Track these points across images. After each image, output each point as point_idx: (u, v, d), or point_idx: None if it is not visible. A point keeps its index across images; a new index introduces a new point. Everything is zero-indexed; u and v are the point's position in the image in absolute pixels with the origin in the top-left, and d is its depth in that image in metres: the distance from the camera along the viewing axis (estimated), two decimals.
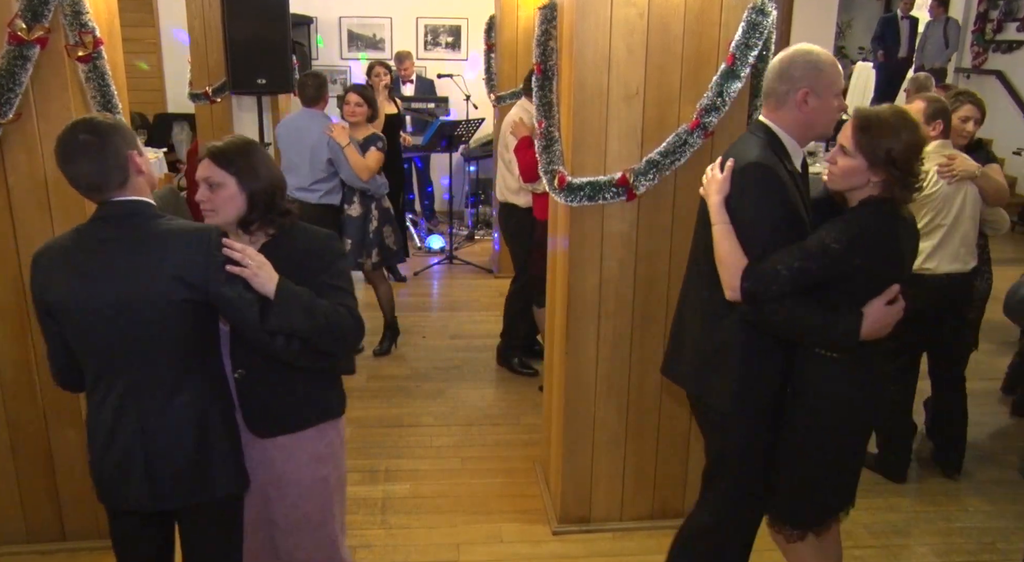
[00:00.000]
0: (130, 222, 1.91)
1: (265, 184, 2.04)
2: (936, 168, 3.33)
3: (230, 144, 2.06)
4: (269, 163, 2.10)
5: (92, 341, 1.91)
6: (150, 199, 1.98)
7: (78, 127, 1.91)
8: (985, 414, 4.29)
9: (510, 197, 4.51)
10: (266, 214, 2.06)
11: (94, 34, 2.61)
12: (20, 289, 2.76)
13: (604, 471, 3.16)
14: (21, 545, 3.00)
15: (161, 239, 1.89)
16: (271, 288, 1.91)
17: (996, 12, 8.11)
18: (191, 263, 1.86)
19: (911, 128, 2.03)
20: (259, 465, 2.12)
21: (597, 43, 2.74)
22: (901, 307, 2.10)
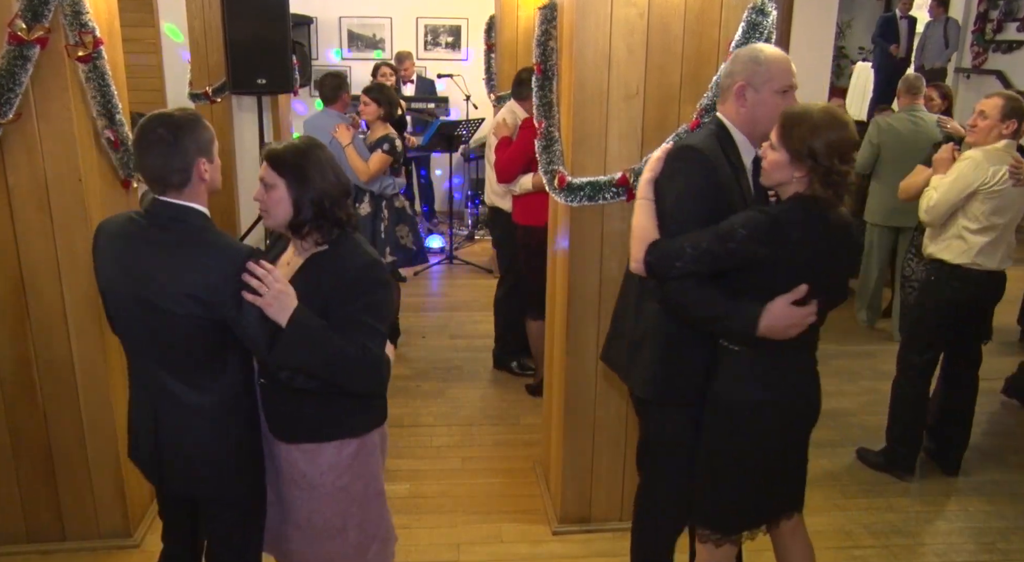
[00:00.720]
0: (173, 226, 1.94)
1: (316, 192, 1.98)
2: (1009, 168, 3.30)
3: (287, 147, 2.03)
4: (326, 170, 2.01)
5: (120, 327, 2.06)
6: (203, 208, 1.98)
7: (159, 120, 1.93)
8: (985, 414, 4.29)
9: (496, 200, 4.46)
10: (316, 221, 2.00)
11: (94, 34, 2.61)
12: (20, 289, 2.76)
13: (604, 471, 3.15)
14: (21, 545, 3.00)
15: (190, 252, 1.91)
16: (284, 319, 1.87)
17: (996, 12, 8.11)
18: (208, 283, 1.87)
19: (838, 127, 1.98)
20: (284, 463, 2.13)
21: (597, 43, 2.74)
22: (809, 311, 2.02)
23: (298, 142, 2.05)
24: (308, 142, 2.05)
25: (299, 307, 1.89)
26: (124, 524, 3.05)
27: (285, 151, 2.02)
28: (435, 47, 8.49)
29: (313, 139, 2.08)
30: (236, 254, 1.89)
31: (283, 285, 1.89)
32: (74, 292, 2.79)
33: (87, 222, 2.74)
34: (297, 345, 1.89)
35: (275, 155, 2.02)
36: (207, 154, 1.97)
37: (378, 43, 8.43)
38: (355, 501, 2.15)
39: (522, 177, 4.05)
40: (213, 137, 2.00)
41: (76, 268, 2.76)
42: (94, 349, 2.85)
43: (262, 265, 1.88)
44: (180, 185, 1.93)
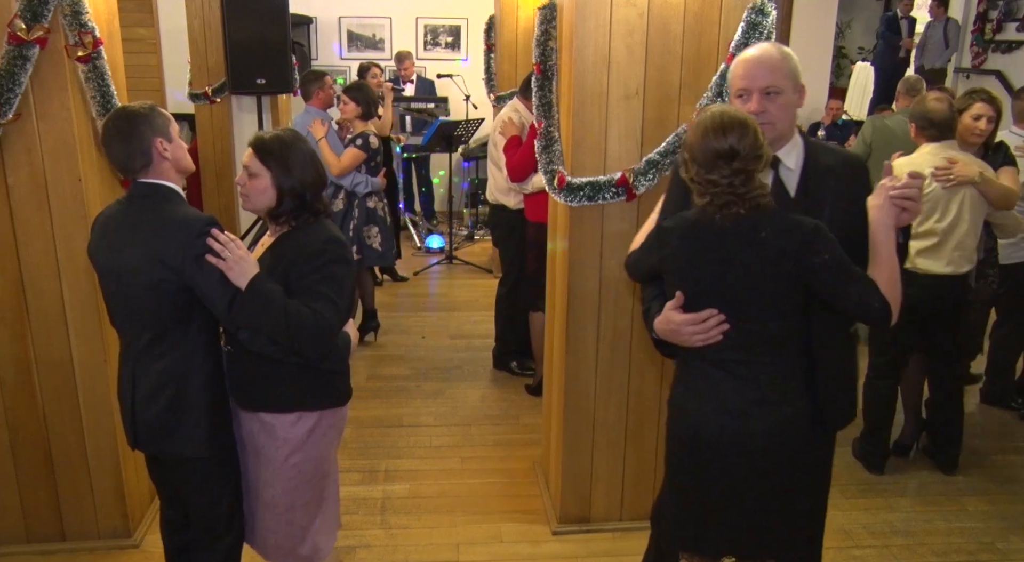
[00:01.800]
0: (144, 202, 2.13)
1: (296, 183, 2.12)
2: (932, 171, 3.32)
3: (273, 138, 2.15)
4: (308, 162, 2.15)
5: (107, 300, 2.22)
6: (171, 183, 2.16)
7: (115, 114, 2.15)
8: (985, 415, 4.30)
9: (500, 198, 4.47)
10: (294, 211, 2.14)
11: (93, 34, 2.61)
12: (20, 289, 2.76)
13: (604, 471, 3.16)
14: (21, 545, 3.00)
15: (158, 222, 2.08)
16: (243, 283, 2.02)
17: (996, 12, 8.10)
18: (172, 248, 2.03)
19: (702, 135, 1.87)
20: (247, 435, 2.26)
21: (597, 43, 2.74)
22: (694, 319, 1.92)
23: (283, 133, 2.18)
24: (292, 135, 2.19)
25: (259, 274, 2.05)
26: (124, 524, 3.05)
27: (272, 141, 2.14)
28: (435, 47, 8.50)
29: (296, 132, 2.24)
30: (196, 221, 2.07)
31: (243, 252, 2.05)
32: (74, 292, 2.79)
33: (86, 222, 2.73)
34: (254, 305, 2.02)
35: (262, 144, 2.14)
36: (163, 135, 2.13)
37: (378, 43, 8.43)
38: (306, 481, 2.24)
39: (534, 176, 4.05)
40: (169, 121, 2.17)
41: (76, 268, 2.76)
42: (94, 349, 2.85)
43: (225, 233, 2.05)
44: (144, 166, 2.12)
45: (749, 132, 1.85)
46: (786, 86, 1.99)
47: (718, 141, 1.85)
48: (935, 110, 3.35)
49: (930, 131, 3.38)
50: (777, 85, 1.98)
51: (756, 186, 1.87)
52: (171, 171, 2.17)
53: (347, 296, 2.11)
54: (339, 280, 2.10)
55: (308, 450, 2.22)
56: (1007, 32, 7.95)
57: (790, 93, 2.01)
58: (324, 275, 2.07)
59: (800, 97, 2.05)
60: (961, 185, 3.32)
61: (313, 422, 2.21)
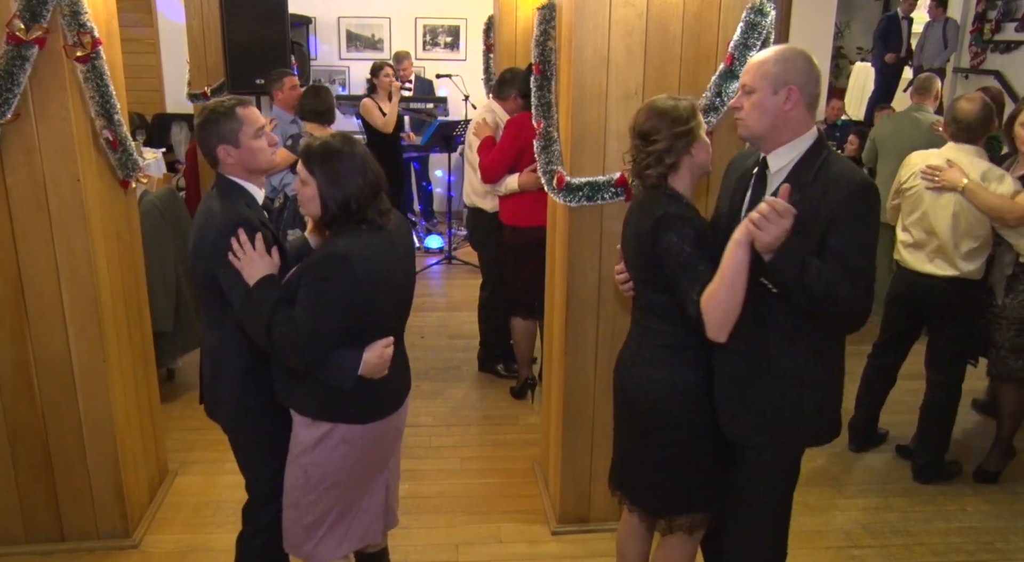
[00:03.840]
0: (212, 193, 2.28)
1: (342, 194, 2.09)
2: (922, 169, 3.38)
3: (320, 146, 2.13)
4: (356, 171, 2.11)
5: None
6: (235, 178, 2.26)
7: (200, 111, 2.39)
8: (982, 414, 4.30)
9: (477, 201, 4.43)
10: (339, 220, 2.12)
11: (92, 34, 2.61)
12: (19, 289, 2.76)
13: (603, 471, 3.14)
14: (20, 546, 2.99)
15: (206, 215, 2.21)
16: (251, 282, 2.11)
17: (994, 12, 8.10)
18: (207, 243, 2.15)
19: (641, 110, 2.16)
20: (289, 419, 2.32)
21: (596, 43, 2.74)
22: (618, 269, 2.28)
23: (333, 140, 2.15)
24: (342, 140, 2.15)
25: (269, 276, 2.12)
26: (123, 525, 3.05)
27: (318, 149, 2.13)
28: (434, 47, 8.49)
29: (349, 136, 2.19)
30: (227, 220, 2.15)
31: (257, 255, 2.11)
32: (73, 292, 2.79)
33: (85, 222, 2.74)
34: (246, 308, 2.11)
35: (307, 152, 2.15)
36: (228, 141, 2.21)
37: (377, 43, 8.43)
38: (312, 486, 2.24)
39: (507, 177, 4.03)
40: (242, 125, 2.22)
41: (75, 268, 2.76)
42: (93, 349, 2.85)
43: (242, 236, 2.12)
44: (214, 164, 2.28)
45: (652, 116, 2.12)
46: (760, 86, 2.00)
47: (633, 119, 2.17)
48: (959, 110, 3.39)
49: (952, 129, 3.42)
50: (751, 84, 2.02)
51: (648, 166, 2.13)
52: (240, 170, 2.26)
53: (332, 314, 2.06)
54: (322, 296, 2.06)
55: (316, 456, 2.22)
56: (1006, 32, 7.95)
57: (766, 94, 1.99)
58: (312, 289, 2.07)
59: (788, 103, 1.99)
60: (944, 190, 3.33)
61: (323, 431, 2.20)
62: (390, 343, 2.19)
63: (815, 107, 2.06)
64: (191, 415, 4.06)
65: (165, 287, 3.93)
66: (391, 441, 2.36)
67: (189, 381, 4.43)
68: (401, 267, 2.24)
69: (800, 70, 1.99)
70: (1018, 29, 7.78)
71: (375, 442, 2.27)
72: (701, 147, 2.17)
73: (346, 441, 2.22)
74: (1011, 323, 3.41)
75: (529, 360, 4.37)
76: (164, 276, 3.93)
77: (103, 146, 2.83)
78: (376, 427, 2.25)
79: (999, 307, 3.44)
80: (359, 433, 2.23)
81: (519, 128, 3.96)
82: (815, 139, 2.03)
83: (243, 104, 2.27)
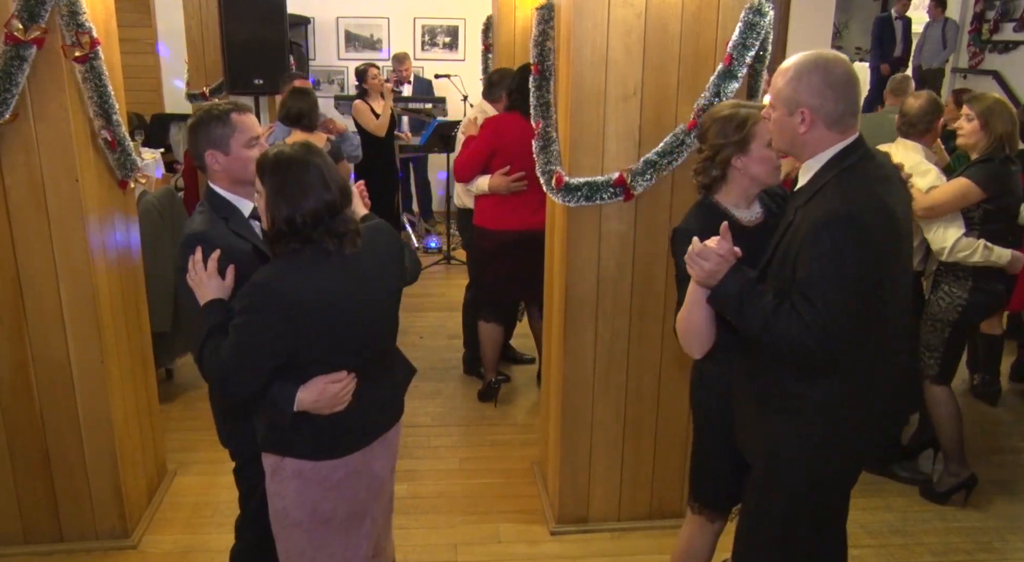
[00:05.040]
0: (199, 205, 2.20)
1: (287, 208, 1.86)
2: None
3: (273, 154, 1.93)
4: (309, 185, 1.87)
5: None
6: (219, 189, 2.18)
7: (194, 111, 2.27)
8: (980, 413, 4.30)
9: (466, 201, 4.41)
10: (284, 238, 1.90)
11: (91, 34, 2.61)
12: (17, 289, 2.76)
13: (602, 471, 3.16)
14: (18, 546, 2.99)
15: (185, 227, 2.14)
16: (201, 303, 1.99)
17: (993, 12, 8.12)
18: (177, 255, 2.07)
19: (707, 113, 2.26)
20: None
21: (595, 43, 2.74)
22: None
23: (291, 149, 1.94)
24: (302, 150, 1.93)
25: (214, 300, 1.97)
26: (121, 525, 3.05)
27: (270, 157, 1.93)
28: (432, 47, 8.49)
29: (311, 146, 1.97)
30: (189, 234, 2.06)
31: (207, 276, 1.98)
32: (71, 292, 2.78)
33: (84, 223, 2.73)
34: (194, 327, 1.99)
35: (260, 160, 1.96)
36: (218, 146, 2.13)
37: (375, 43, 8.43)
38: (277, 518, 2.10)
39: (480, 178, 3.99)
40: (233, 131, 2.13)
41: (73, 268, 2.76)
42: (91, 350, 2.85)
43: (198, 254, 1.99)
44: (203, 170, 2.21)
45: (707, 120, 2.21)
46: (777, 106, 1.94)
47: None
48: (905, 105, 3.48)
49: (899, 124, 3.50)
50: (771, 101, 1.98)
51: (696, 172, 2.24)
52: (225, 180, 2.15)
53: (255, 348, 1.89)
54: (244, 328, 1.88)
55: (275, 487, 2.07)
56: (1004, 32, 7.97)
57: (782, 115, 1.93)
58: (237, 320, 1.90)
59: (803, 125, 1.90)
60: None
61: (274, 462, 2.05)
62: (340, 378, 1.98)
63: (842, 123, 1.90)
64: (190, 415, 4.06)
65: (163, 287, 3.92)
66: (363, 485, 2.11)
67: (188, 381, 4.43)
68: (357, 297, 1.97)
69: (814, 90, 1.87)
70: (1016, 29, 7.80)
71: (336, 483, 2.05)
72: (754, 160, 2.10)
73: (298, 476, 2.03)
74: (929, 319, 3.37)
75: (495, 363, 4.33)
76: (162, 276, 3.92)
77: (101, 146, 2.83)
78: (332, 466, 2.04)
79: (926, 303, 3.42)
80: (310, 469, 2.02)
81: (494, 129, 3.95)
82: (831, 157, 1.91)
83: (240, 110, 2.17)
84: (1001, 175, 3.15)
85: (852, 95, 1.90)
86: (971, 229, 3.22)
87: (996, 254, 3.17)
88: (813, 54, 1.91)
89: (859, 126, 1.95)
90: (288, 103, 4.35)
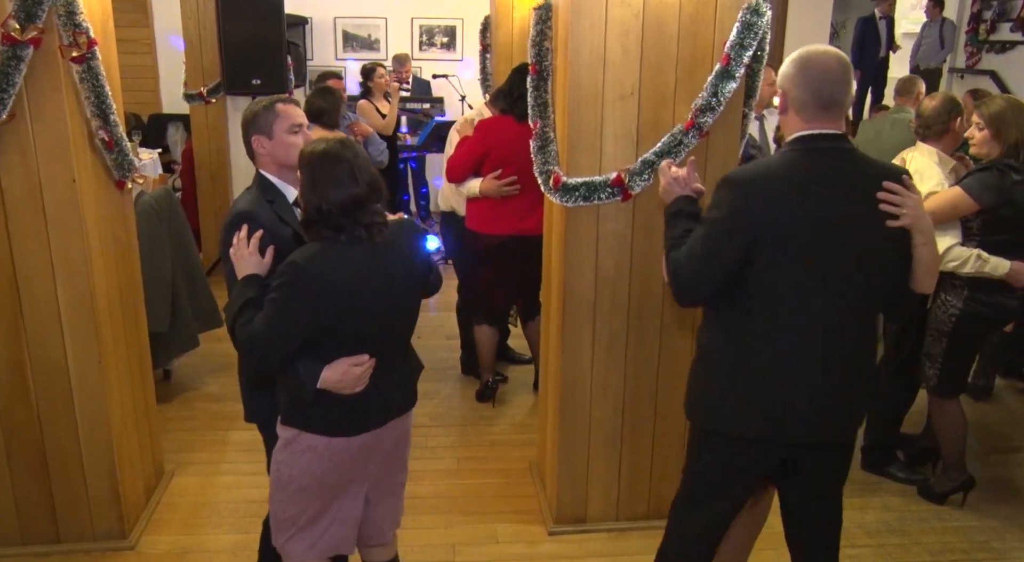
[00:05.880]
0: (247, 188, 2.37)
1: (317, 198, 2.03)
2: None
3: (309, 149, 2.09)
4: (341, 177, 2.03)
5: None
6: (267, 174, 2.34)
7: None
8: (976, 413, 4.31)
9: (453, 204, 4.39)
10: (316, 225, 2.05)
11: (88, 34, 2.60)
12: (14, 290, 2.75)
13: (600, 471, 3.16)
14: (16, 547, 2.99)
15: (231, 207, 2.29)
16: (239, 277, 2.14)
17: (990, 12, 8.13)
18: (222, 233, 2.22)
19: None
20: None
21: (592, 43, 2.74)
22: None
23: (329, 143, 2.09)
24: (339, 144, 2.09)
25: (251, 275, 2.12)
26: (119, 526, 3.05)
27: (304, 153, 2.11)
28: (430, 47, 8.49)
29: (348, 141, 2.12)
30: (234, 214, 2.22)
31: (247, 252, 2.13)
32: (68, 293, 2.78)
33: (81, 223, 2.73)
34: (233, 301, 2.11)
35: (300, 153, 2.15)
36: (263, 131, 2.30)
37: (373, 44, 8.43)
38: (281, 485, 2.21)
39: (471, 180, 3.98)
40: (276, 118, 2.29)
41: (71, 269, 2.76)
42: (88, 350, 2.84)
43: (244, 231, 2.15)
44: (253, 157, 2.35)
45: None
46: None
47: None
48: (920, 107, 3.40)
49: (916, 125, 3.42)
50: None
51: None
52: (270, 165, 2.33)
53: (285, 322, 2.01)
54: (277, 303, 2.01)
55: (286, 457, 2.18)
56: (1001, 32, 7.98)
57: (779, 95, 2.14)
58: (272, 295, 2.03)
59: (780, 106, 2.13)
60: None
61: (291, 435, 2.17)
62: (362, 362, 2.10)
63: (807, 112, 2.02)
64: (188, 416, 4.05)
65: (161, 288, 3.92)
66: (370, 458, 2.26)
67: (185, 382, 4.43)
68: (383, 285, 2.09)
69: (789, 77, 2.05)
70: (1013, 29, 7.81)
71: (346, 457, 2.18)
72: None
73: (311, 450, 2.15)
74: (929, 327, 3.30)
75: (491, 364, 4.33)
76: (160, 277, 3.92)
77: (99, 147, 2.82)
78: (345, 443, 2.16)
79: (928, 312, 3.34)
80: (323, 444, 2.14)
81: (487, 131, 3.94)
82: (790, 140, 2.07)
83: (286, 101, 2.34)
84: (997, 185, 3.00)
85: (823, 89, 1.99)
86: (970, 238, 3.11)
87: (992, 265, 3.03)
88: (807, 48, 2.05)
89: (841, 124, 2.04)
90: (311, 100, 4.45)
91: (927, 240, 2.05)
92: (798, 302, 2.01)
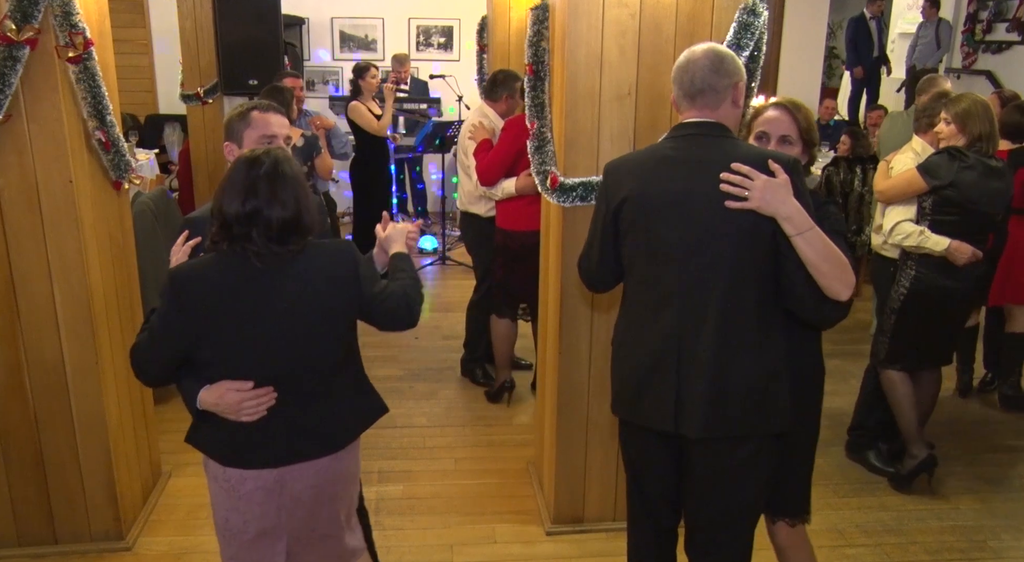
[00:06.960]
0: None
1: (216, 205, 1.90)
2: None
3: (242, 153, 1.98)
4: (231, 186, 1.88)
5: None
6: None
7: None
8: (975, 412, 4.32)
9: (470, 206, 4.41)
10: (217, 236, 1.91)
11: (84, 35, 2.60)
12: (11, 291, 2.75)
13: (597, 471, 3.16)
14: (12, 549, 2.98)
15: None
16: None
17: (986, 13, 8.14)
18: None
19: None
20: None
21: (589, 44, 2.74)
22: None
23: (251, 152, 1.95)
24: (258, 155, 1.92)
25: None
26: (116, 527, 3.04)
27: (240, 154, 2.01)
28: (427, 48, 8.49)
29: (273, 151, 1.95)
30: (183, 220, 2.29)
31: (175, 259, 2.10)
32: (65, 294, 2.78)
33: (78, 224, 2.73)
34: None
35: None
36: (232, 139, 2.28)
37: (370, 44, 8.42)
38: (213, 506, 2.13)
39: (504, 181, 4.00)
40: (245, 126, 2.26)
41: (67, 269, 2.75)
42: (85, 351, 2.84)
43: (182, 237, 2.15)
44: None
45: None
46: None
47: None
48: (916, 101, 3.72)
49: (913, 122, 3.69)
50: None
51: None
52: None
53: (159, 334, 1.93)
54: (158, 311, 1.96)
55: (208, 483, 2.10)
56: (997, 33, 7.99)
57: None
58: (157, 307, 1.99)
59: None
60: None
61: (203, 458, 2.09)
62: (244, 387, 1.92)
63: (681, 103, 2.11)
64: (185, 417, 4.01)
65: (158, 288, 3.91)
66: (279, 504, 2.04)
67: None
68: (268, 310, 1.90)
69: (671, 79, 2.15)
70: (1009, 29, 7.82)
71: (244, 495, 2.01)
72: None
73: (214, 479, 2.05)
74: (886, 306, 3.57)
75: (509, 362, 4.34)
76: (157, 277, 3.91)
77: (95, 147, 2.82)
78: (239, 476, 2.00)
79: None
80: (221, 474, 2.02)
81: (519, 129, 3.94)
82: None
83: (263, 109, 2.29)
84: (946, 167, 3.26)
85: (685, 80, 2.06)
86: (924, 217, 3.37)
87: (933, 241, 3.29)
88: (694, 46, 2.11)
89: (716, 112, 2.05)
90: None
91: (798, 230, 1.88)
92: (644, 276, 2.07)
